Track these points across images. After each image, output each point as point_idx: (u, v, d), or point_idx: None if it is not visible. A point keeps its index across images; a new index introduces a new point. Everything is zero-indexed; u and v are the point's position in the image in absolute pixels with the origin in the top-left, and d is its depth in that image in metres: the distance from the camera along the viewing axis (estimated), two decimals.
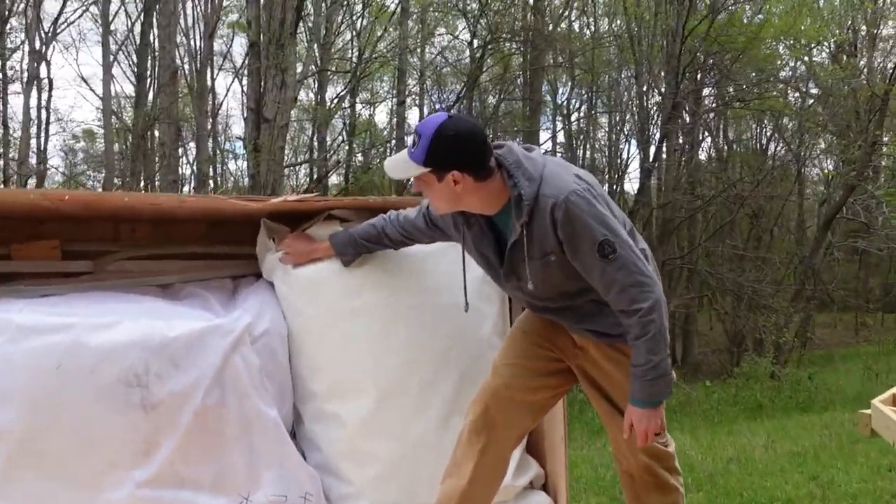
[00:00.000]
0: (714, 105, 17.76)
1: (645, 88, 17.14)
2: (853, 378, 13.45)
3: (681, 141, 17.06)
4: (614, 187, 18.29)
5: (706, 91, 17.41)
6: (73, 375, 2.17)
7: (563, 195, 1.98)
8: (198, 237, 2.96)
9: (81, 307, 2.32)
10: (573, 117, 20.60)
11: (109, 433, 2.19)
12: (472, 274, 2.64)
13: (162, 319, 2.30)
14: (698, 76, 16.26)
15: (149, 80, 17.14)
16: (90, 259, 2.78)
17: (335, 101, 19.19)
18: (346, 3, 18.07)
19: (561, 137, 20.86)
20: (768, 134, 21.38)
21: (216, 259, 2.85)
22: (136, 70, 17.93)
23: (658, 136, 15.85)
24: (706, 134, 19.47)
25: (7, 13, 14.49)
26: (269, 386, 2.41)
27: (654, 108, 16.90)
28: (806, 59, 17.91)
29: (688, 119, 16.68)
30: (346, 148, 19.76)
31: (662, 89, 15.98)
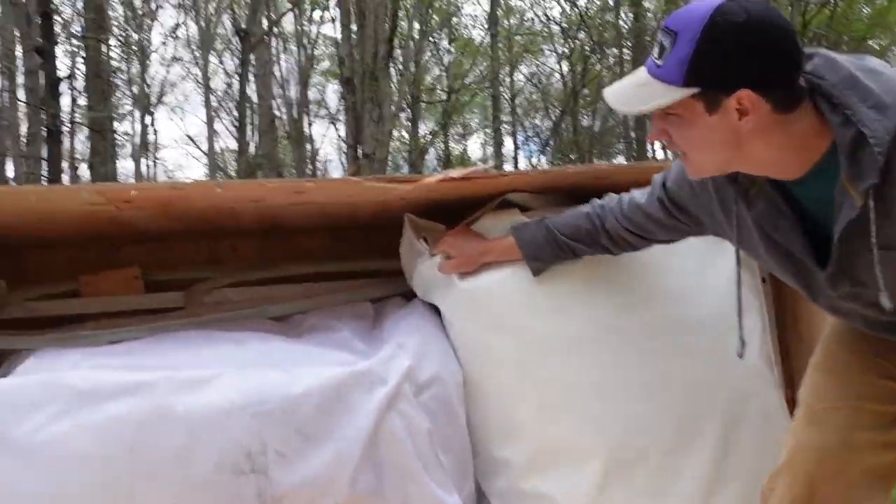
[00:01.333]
0: None
1: None
2: None
3: None
4: None
5: None
6: (154, 460, 1.41)
7: None
8: (320, 249, 2.21)
9: (164, 357, 1.58)
10: None
11: None
12: (723, 274, 1.75)
13: (280, 368, 1.52)
14: None
15: (249, 130, 17.47)
16: (180, 289, 2.07)
17: (429, 135, 19.02)
18: (432, 38, 17.92)
19: None
20: None
21: (345, 278, 2.08)
22: (237, 123, 18.41)
23: None
24: None
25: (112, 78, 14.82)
26: (445, 459, 1.58)
27: None
28: None
29: None
30: None
31: None
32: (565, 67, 18.27)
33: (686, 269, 1.73)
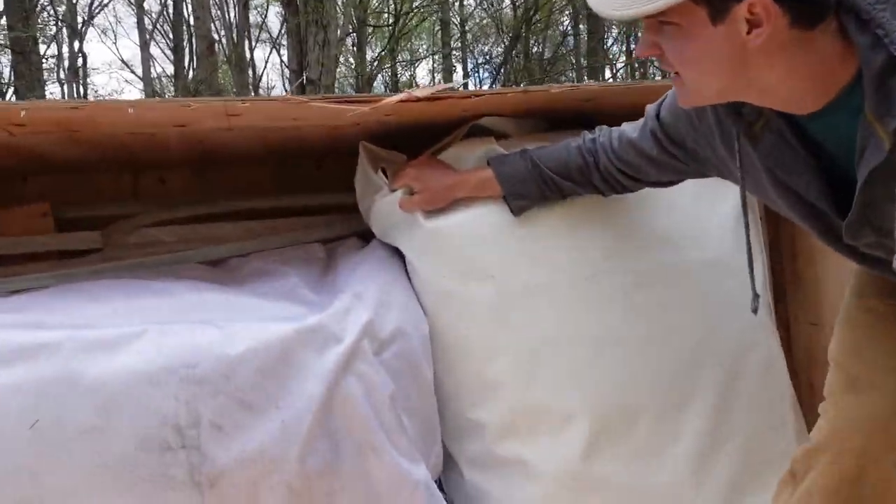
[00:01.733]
0: None
1: None
2: None
3: None
4: None
5: None
6: (61, 438, 1.17)
7: None
8: (263, 183, 1.95)
9: (72, 311, 1.32)
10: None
11: None
12: (721, 213, 1.56)
13: (214, 324, 1.28)
14: None
15: (186, 55, 16.70)
16: (98, 228, 1.79)
17: (376, 61, 18.47)
18: None
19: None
20: None
21: (292, 215, 1.82)
22: (172, 45, 17.62)
23: None
24: None
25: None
26: (410, 424, 1.38)
27: None
28: None
29: None
30: None
31: None
32: None
33: (682, 209, 1.52)
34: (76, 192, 1.87)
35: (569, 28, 18.08)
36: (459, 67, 20.08)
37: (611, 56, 18.38)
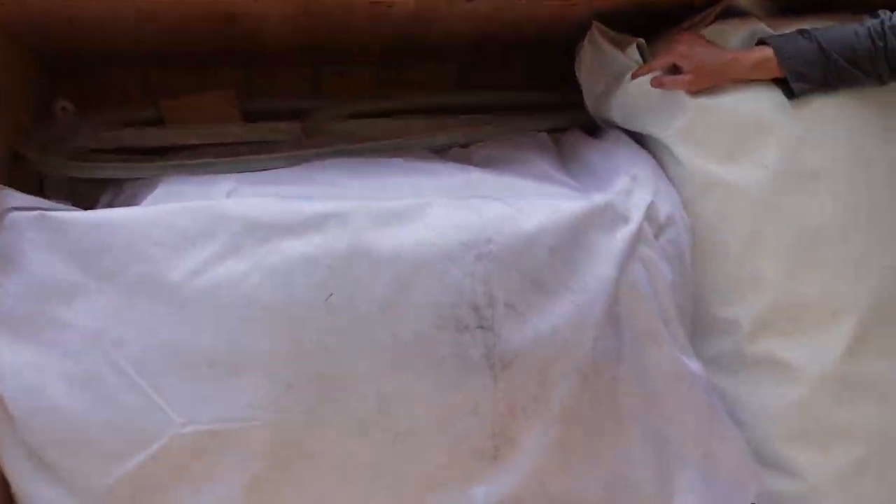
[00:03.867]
0: None
1: None
2: None
3: None
4: None
5: None
6: (356, 314, 1.09)
7: None
8: (443, 84, 1.84)
9: (344, 185, 1.22)
10: None
11: (427, 420, 1.12)
12: None
13: (500, 200, 1.18)
14: None
15: None
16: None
17: None
18: None
19: None
20: None
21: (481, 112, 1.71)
22: None
23: None
24: None
25: None
26: (681, 317, 1.29)
27: None
28: None
29: None
30: None
31: None
32: None
33: None
34: (256, 86, 1.77)
35: None
36: None
37: None
